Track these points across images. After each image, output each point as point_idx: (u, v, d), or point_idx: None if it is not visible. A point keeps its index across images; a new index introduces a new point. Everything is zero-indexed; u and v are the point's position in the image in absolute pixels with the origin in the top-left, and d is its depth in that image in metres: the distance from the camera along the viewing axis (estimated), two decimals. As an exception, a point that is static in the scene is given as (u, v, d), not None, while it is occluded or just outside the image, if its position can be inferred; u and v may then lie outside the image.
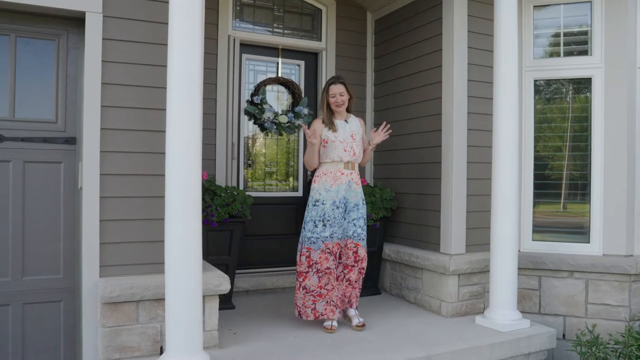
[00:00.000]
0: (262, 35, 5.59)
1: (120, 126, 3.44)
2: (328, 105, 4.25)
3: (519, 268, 4.85)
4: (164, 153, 3.16)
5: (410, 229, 5.32)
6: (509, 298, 4.35)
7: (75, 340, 3.62)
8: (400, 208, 5.44)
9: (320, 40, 5.86)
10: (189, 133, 3.06)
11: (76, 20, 3.51)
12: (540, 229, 5.08)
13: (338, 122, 4.25)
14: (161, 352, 3.44)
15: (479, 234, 4.79)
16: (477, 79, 4.81)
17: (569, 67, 4.96)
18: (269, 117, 5.49)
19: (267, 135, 5.72)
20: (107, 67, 3.42)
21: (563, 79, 5.05)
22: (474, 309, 4.73)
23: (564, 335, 4.73)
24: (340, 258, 4.20)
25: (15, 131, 3.45)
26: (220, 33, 5.25)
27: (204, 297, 3.37)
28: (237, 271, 4.97)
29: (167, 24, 3.20)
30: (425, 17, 5.12)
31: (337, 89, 4.20)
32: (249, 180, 5.66)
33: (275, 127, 5.57)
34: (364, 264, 4.30)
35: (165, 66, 3.21)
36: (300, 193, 5.82)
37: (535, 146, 5.09)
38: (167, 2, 3.19)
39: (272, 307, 4.87)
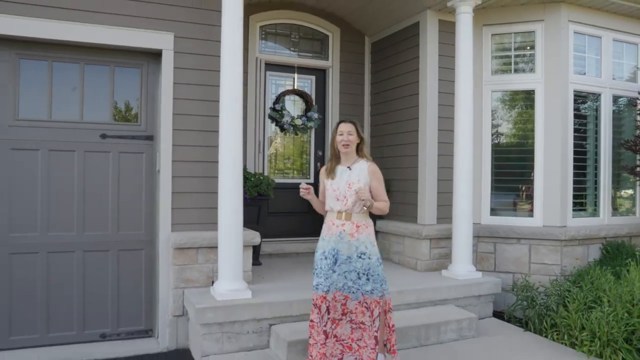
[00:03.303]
0: (281, 57, 7.16)
1: (185, 127, 4.99)
2: (336, 150, 4.05)
3: (479, 237, 6.37)
4: (217, 146, 4.73)
5: (396, 207, 6.81)
6: (466, 256, 5.82)
7: (152, 276, 5.18)
8: (389, 191, 6.91)
9: (328, 60, 7.40)
10: (234, 133, 4.60)
11: (155, 55, 5.08)
12: (496, 207, 6.54)
13: (340, 168, 4.01)
14: (212, 284, 4.96)
15: (448, 209, 6.21)
16: (445, 91, 6.28)
17: (518, 82, 6.43)
18: (287, 121, 7.05)
19: (285, 135, 7.27)
20: (176, 87, 4.98)
21: (513, 91, 6.51)
22: (442, 266, 6.19)
23: (513, 287, 6.15)
24: (329, 313, 3.87)
25: (114, 131, 5.03)
26: (250, 55, 6.79)
27: (243, 246, 4.87)
28: (263, 239, 6.47)
29: (218, 56, 4.78)
30: (407, 43, 6.63)
31: (346, 128, 3.96)
32: (271, 169, 7.20)
33: (292, 128, 7.12)
34: (361, 319, 3.85)
35: (217, 86, 4.81)
36: (311, 180, 7.37)
37: (493, 144, 6.56)
38: (219, 42, 4.76)
39: (288, 264, 6.40)
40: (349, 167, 4.00)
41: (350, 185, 3.90)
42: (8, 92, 4.70)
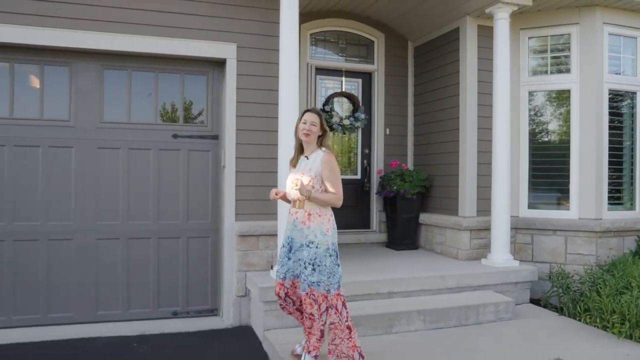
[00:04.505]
0: (330, 62, 7.73)
1: (247, 128, 5.58)
2: (299, 139, 4.07)
3: (516, 228, 6.77)
4: (275, 145, 5.32)
5: (438, 201, 7.27)
6: (504, 246, 6.22)
7: (217, 261, 5.79)
8: (432, 186, 7.40)
9: (373, 64, 7.92)
10: (290, 134, 5.12)
11: (219, 63, 5.70)
12: (534, 200, 6.91)
13: (301, 158, 4.06)
14: (271, 268, 5.52)
15: (487, 203, 6.60)
16: (484, 92, 6.70)
17: (554, 82, 6.79)
18: (336, 121, 7.59)
19: (334, 134, 7.81)
20: (239, 92, 5.58)
21: (549, 91, 6.87)
22: (481, 255, 6.60)
23: (549, 276, 6.51)
24: (290, 297, 4.10)
25: (184, 132, 5.68)
26: (301, 61, 7.34)
27: (298, 234, 5.42)
28: (313, 230, 7.04)
29: (276, 64, 5.37)
30: (448, 47, 7.08)
31: (310, 117, 3.93)
32: (321, 166, 7.77)
33: (340, 128, 7.66)
34: (309, 310, 3.85)
35: (275, 90, 5.41)
36: (359, 176, 7.91)
37: (530, 141, 6.93)
38: (277, 50, 5.34)
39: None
40: (307, 156, 3.99)
41: (303, 173, 3.89)
42: (95, 99, 5.41)
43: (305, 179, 3.86)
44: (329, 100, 7.69)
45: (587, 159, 6.55)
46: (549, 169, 6.87)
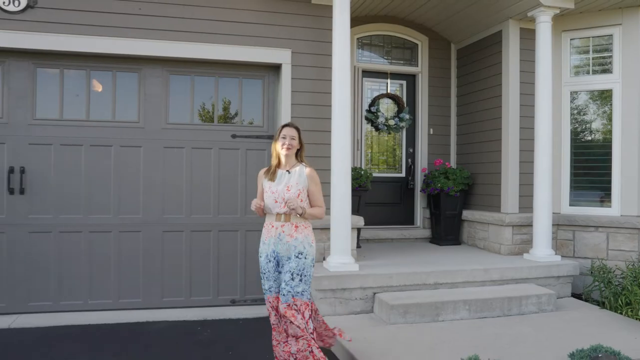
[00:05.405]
0: (376, 65, 8.06)
1: (301, 128, 5.92)
2: (278, 153, 4.05)
3: (558, 225, 6.97)
4: (326, 144, 5.68)
5: (481, 198, 7.52)
6: (546, 241, 6.44)
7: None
8: (474, 184, 7.65)
9: (417, 66, 8.21)
10: (344, 134, 5.53)
11: (275, 68, 6.09)
12: (575, 198, 7.09)
13: (279, 171, 4.03)
14: (323, 260, 5.87)
15: (529, 200, 6.84)
16: (526, 93, 6.92)
17: (596, 82, 6.96)
18: (381, 121, 7.92)
19: (379, 134, 8.14)
20: (294, 95, 5.96)
21: (591, 91, 7.04)
22: (523, 250, 6.84)
23: (591, 270, 6.68)
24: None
25: (242, 132, 6.09)
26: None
27: (350, 228, 5.76)
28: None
29: (329, 68, 5.73)
30: (490, 50, 7.32)
31: (289, 132, 4.03)
32: (367, 164, 8.10)
33: (386, 128, 7.99)
34: (296, 322, 3.74)
35: (327, 93, 5.78)
36: (402, 174, 8.21)
37: (572, 139, 7.11)
38: (330, 55, 5.69)
39: (384, 248, 7.27)
40: (288, 170, 4.00)
41: (289, 188, 3.91)
42: (161, 101, 5.87)
43: (294, 193, 3.91)
44: (374, 102, 8.02)
45: (629, 157, 6.70)
46: (590, 167, 7.04)
